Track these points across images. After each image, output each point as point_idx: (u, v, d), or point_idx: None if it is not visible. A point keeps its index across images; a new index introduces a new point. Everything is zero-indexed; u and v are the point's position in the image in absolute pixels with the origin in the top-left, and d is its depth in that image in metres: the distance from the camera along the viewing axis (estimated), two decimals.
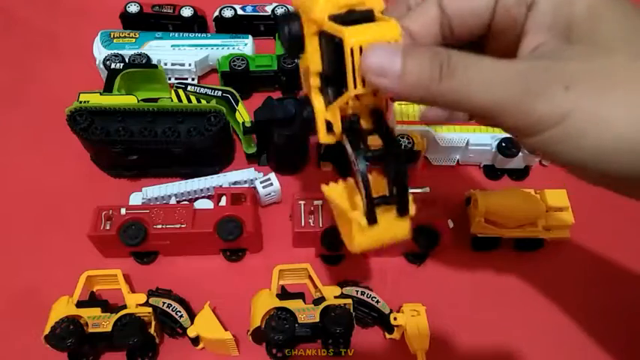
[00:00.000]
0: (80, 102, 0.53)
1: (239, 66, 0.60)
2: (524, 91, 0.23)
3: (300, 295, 0.45)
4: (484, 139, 0.54)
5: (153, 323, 0.43)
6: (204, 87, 0.58)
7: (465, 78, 0.24)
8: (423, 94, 0.25)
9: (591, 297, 0.49)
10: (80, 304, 0.43)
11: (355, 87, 0.26)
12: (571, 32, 0.25)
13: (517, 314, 0.48)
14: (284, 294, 0.45)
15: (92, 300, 0.45)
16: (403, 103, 0.54)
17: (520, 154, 0.54)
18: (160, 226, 0.47)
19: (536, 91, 0.23)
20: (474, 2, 0.28)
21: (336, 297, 0.44)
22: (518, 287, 0.50)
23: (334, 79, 0.28)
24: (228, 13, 0.67)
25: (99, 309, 0.43)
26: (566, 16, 0.25)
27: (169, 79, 0.63)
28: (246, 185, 0.53)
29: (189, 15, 0.66)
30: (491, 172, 0.57)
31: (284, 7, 0.68)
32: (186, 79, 0.63)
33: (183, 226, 0.47)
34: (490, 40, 0.30)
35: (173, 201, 0.52)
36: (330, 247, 0.48)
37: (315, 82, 0.28)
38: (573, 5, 0.25)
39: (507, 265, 0.51)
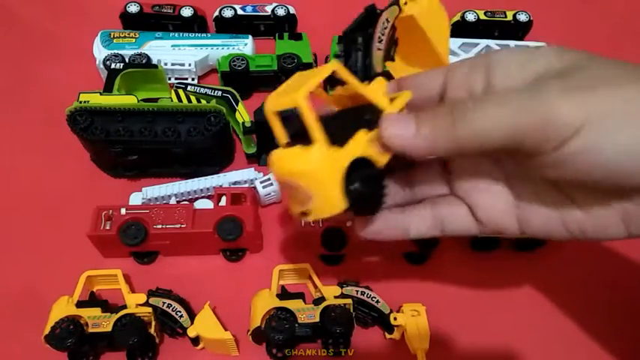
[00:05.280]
0: (80, 102, 0.53)
1: (239, 66, 0.60)
2: (540, 98, 0.23)
3: (300, 295, 0.45)
4: None
5: (153, 323, 0.43)
6: (204, 87, 0.58)
7: (477, 114, 0.24)
8: (446, 144, 0.25)
9: (591, 297, 0.49)
10: (80, 304, 0.43)
11: None
12: (547, 68, 0.26)
13: (517, 314, 0.48)
14: (284, 294, 0.45)
15: (92, 300, 0.45)
16: None
17: None
18: (160, 226, 0.47)
19: (553, 94, 0.23)
20: (426, 80, 0.31)
21: (336, 297, 0.44)
22: (518, 287, 0.50)
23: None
24: (228, 13, 0.67)
25: (99, 309, 0.43)
26: (537, 60, 0.26)
27: (169, 79, 0.63)
28: (246, 185, 0.53)
29: (189, 15, 0.66)
30: None
31: (284, 7, 0.68)
32: (186, 79, 0.63)
33: (183, 226, 0.47)
34: None
35: (173, 201, 0.52)
36: (330, 247, 0.48)
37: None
38: (537, 59, 0.26)
39: (507, 265, 0.51)
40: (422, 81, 0.31)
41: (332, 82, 0.64)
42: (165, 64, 0.62)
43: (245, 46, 0.64)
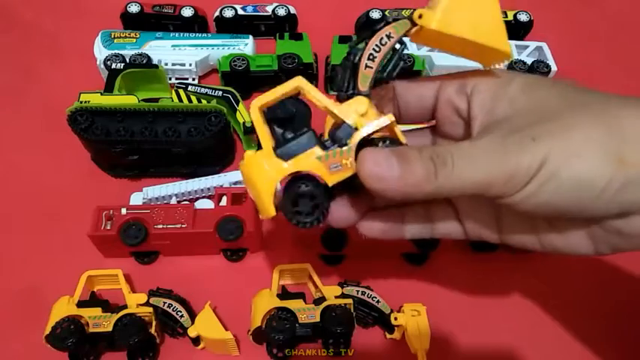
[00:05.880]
0: (81, 102, 0.53)
1: (239, 66, 0.60)
2: (503, 154, 0.26)
3: (300, 295, 0.45)
4: None
5: (153, 323, 0.43)
6: (205, 87, 0.58)
7: (454, 164, 0.26)
8: (426, 190, 0.26)
9: (591, 297, 0.49)
10: (81, 304, 0.43)
11: None
12: (512, 107, 0.28)
13: (517, 314, 0.48)
14: (284, 294, 0.45)
15: (93, 300, 0.45)
16: None
17: None
18: (160, 226, 0.47)
19: (512, 150, 0.26)
20: (420, 89, 0.33)
21: (336, 297, 0.44)
22: (517, 287, 0.50)
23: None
24: (228, 13, 0.67)
25: (99, 309, 0.43)
26: (504, 97, 0.29)
27: (170, 79, 0.63)
28: None
29: (190, 15, 0.66)
30: None
31: (284, 7, 0.68)
32: (187, 79, 0.64)
33: (183, 226, 0.47)
34: (439, 126, 0.34)
35: (174, 201, 0.52)
36: (330, 247, 0.48)
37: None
38: (509, 87, 0.29)
39: (507, 266, 0.51)
40: (417, 88, 0.33)
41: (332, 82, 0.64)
42: (166, 64, 0.62)
43: (245, 46, 0.64)
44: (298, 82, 0.29)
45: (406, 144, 0.29)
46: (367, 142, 0.29)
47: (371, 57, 0.29)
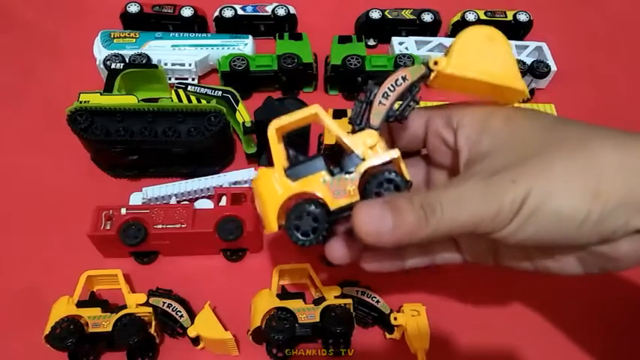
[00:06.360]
0: (80, 102, 0.53)
1: (239, 66, 0.60)
2: (487, 195, 0.27)
3: (300, 295, 0.45)
4: None
5: (153, 323, 0.43)
6: (205, 87, 0.58)
7: (444, 210, 0.28)
8: (420, 237, 0.28)
9: (592, 296, 0.49)
10: (80, 304, 0.43)
11: None
12: (495, 141, 0.30)
13: (517, 314, 0.48)
14: (284, 294, 0.45)
15: (92, 300, 0.45)
16: None
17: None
18: (160, 226, 0.47)
19: (496, 190, 0.27)
20: (412, 122, 0.35)
21: (336, 297, 0.44)
22: (518, 287, 0.50)
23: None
24: (228, 13, 0.67)
25: (99, 309, 0.43)
26: (488, 130, 0.31)
27: (169, 79, 0.63)
28: (246, 185, 0.53)
29: (190, 15, 0.66)
30: None
31: (284, 7, 0.68)
32: (187, 79, 0.64)
33: (183, 226, 0.47)
34: (430, 155, 0.36)
35: (173, 201, 0.52)
36: None
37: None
38: (491, 120, 0.31)
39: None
40: (409, 120, 0.35)
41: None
42: (166, 64, 0.62)
43: (245, 46, 0.64)
44: (315, 110, 0.31)
45: (410, 180, 0.31)
46: (372, 172, 0.31)
47: (385, 95, 0.31)
